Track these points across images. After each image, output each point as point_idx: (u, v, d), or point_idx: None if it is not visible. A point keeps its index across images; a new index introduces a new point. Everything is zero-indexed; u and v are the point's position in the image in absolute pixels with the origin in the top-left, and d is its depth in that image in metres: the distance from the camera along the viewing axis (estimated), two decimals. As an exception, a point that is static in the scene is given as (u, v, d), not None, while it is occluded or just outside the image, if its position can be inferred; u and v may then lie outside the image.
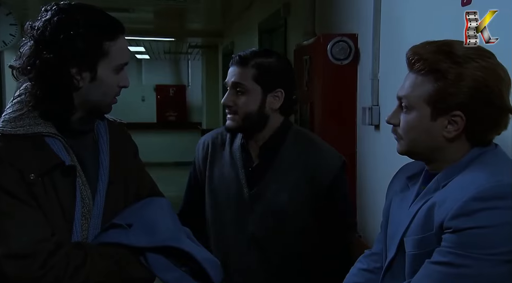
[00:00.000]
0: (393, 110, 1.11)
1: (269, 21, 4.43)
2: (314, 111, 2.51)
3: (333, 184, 1.56)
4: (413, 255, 1.02)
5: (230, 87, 1.55)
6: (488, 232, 0.91)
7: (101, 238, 1.19)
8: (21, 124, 1.14)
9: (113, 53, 1.15)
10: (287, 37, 3.86)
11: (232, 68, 1.56)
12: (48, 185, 1.13)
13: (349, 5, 2.50)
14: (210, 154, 1.67)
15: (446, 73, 1.00)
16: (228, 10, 6.24)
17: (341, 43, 2.32)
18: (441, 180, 1.04)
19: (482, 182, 0.95)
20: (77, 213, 1.16)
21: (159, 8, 6.19)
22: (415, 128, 1.06)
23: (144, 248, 1.17)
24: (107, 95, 1.19)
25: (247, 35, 5.50)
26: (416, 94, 1.04)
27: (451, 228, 0.94)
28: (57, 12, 1.13)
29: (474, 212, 0.93)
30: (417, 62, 1.04)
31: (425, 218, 1.01)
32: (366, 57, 2.24)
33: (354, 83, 2.37)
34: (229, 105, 1.54)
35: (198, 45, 9.28)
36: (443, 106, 1.01)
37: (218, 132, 1.72)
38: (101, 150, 1.25)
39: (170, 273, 1.17)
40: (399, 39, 2.00)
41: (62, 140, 1.17)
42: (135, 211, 1.24)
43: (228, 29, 7.17)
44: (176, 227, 1.26)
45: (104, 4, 5.45)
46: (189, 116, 12.20)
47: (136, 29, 7.51)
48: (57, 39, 1.11)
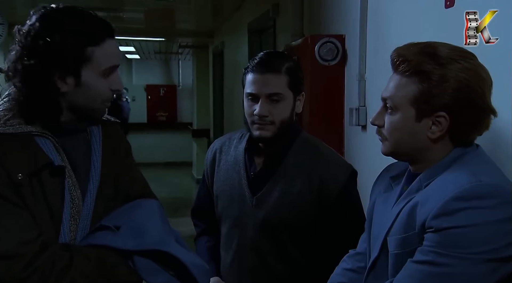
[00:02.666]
0: (378, 112, 1.12)
1: (259, 21, 4.44)
2: (302, 112, 2.51)
3: (340, 196, 1.48)
4: (395, 254, 1.03)
5: (264, 97, 1.44)
6: (469, 232, 0.92)
7: (88, 239, 1.18)
8: (10, 123, 1.13)
9: (98, 58, 1.14)
10: (276, 38, 3.88)
11: (263, 76, 1.44)
12: (36, 185, 1.12)
13: (337, 6, 2.52)
14: (217, 158, 1.63)
15: (431, 75, 1.01)
16: (218, 10, 6.24)
17: (328, 44, 2.34)
18: (424, 179, 1.05)
19: (463, 182, 0.96)
20: (65, 214, 1.15)
21: (149, 8, 6.17)
22: (399, 129, 1.07)
23: (132, 251, 1.16)
24: (95, 99, 1.17)
25: (237, 35, 5.50)
26: (400, 95, 1.05)
27: (432, 227, 0.95)
28: (41, 17, 1.13)
29: (454, 212, 0.94)
30: (401, 64, 1.05)
31: (408, 218, 1.02)
32: (353, 58, 2.25)
33: (341, 84, 2.38)
34: (266, 115, 1.44)
35: (188, 45, 9.25)
36: (427, 107, 1.03)
37: (228, 136, 1.68)
38: (93, 149, 1.24)
39: (157, 277, 1.17)
40: (385, 40, 2.02)
41: (52, 140, 1.16)
42: (124, 213, 1.23)
43: (218, 29, 7.17)
44: (165, 230, 1.25)
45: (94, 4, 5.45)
46: (180, 117, 12.18)
47: (126, 29, 7.48)
48: (38, 45, 1.10)
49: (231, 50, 6.12)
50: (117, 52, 1.20)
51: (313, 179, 1.50)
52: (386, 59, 2.04)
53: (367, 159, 2.16)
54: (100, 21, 1.17)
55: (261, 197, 1.52)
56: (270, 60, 1.49)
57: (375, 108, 2.16)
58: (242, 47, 5.17)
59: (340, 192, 1.49)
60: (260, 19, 4.35)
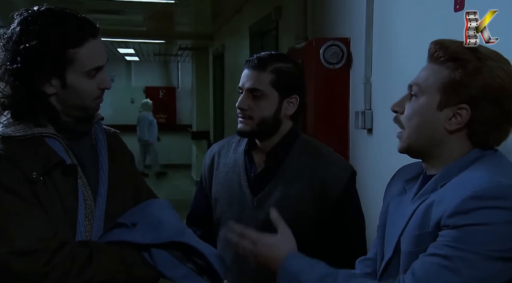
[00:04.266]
0: (401, 98, 1.11)
1: (260, 24, 4.43)
2: (307, 115, 2.51)
3: (342, 196, 1.49)
4: (408, 252, 1.03)
5: (246, 91, 1.50)
6: (485, 230, 0.92)
7: (106, 237, 1.19)
8: (20, 127, 1.15)
9: (82, 59, 1.13)
10: (278, 41, 3.87)
11: (249, 71, 1.50)
12: (50, 185, 1.13)
13: (341, 9, 2.51)
14: (216, 161, 1.63)
15: (466, 63, 1.00)
16: (218, 12, 6.24)
17: (333, 47, 2.33)
18: (439, 180, 1.04)
19: (481, 182, 0.95)
20: (80, 214, 1.16)
21: (150, 10, 6.17)
22: (419, 115, 1.05)
23: (149, 245, 1.16)
24: (84, 99, 1.18)
25: (238, 38, 5.50)
26: (429, 81, 1.04)
27: (448, 225, 0.95)
28: (21, 21, 1.13)
29: (471, 210, 0.93)
30: (439, 51, 1.04)
31: (422, 217, 1.01)
32: (359, 61, 2.25)
33: (346, 87, 2.38)
34: (244, 108, 1.49)
35: (188, 47, 9.26)
36: (453, 96, 1.02)
37: (227, 140, 1.68)
38: (100, 153, 1.25)
39: (175, 271, 1.16)
40: (391, 43, 2.01)
41: (62, 141, 1.17)
42: (138, 211, 1.24)
43: (218, 32, 7.17)
44: (181, 224, 1.26)
45: (94, 6, 5.44)
46: (179, 119, 12.17)
47: (126, 31, 7.49)
48: (19, 50, 1.10)
49: (231, 53, 6.12)
50: (101, 52, 1.18)
51: (315, 179, 1.51)
52: (392, 62, 2.05)
53: (373, 162, 2.15)
54: (83, 22, 1.16)
55: (262, 197, 1.52)
56: (260, 58, 1.52)
57: (381, 111, 2.18)
58: (243, 50, 5.16)
59: (342, 192, 1.50)
60: (261, 21, 4.34)
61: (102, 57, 1.18)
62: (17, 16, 1.15)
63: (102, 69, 1.19)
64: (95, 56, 1.16)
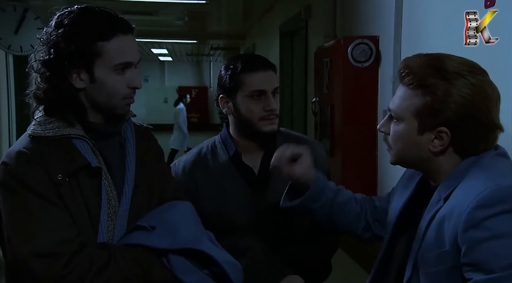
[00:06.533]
0: (384, 119, 1.12)
1: (290, 23, 4.44)
2: (335, 114, 2.51)
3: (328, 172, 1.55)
4: (434, 271, 1.02)
5: (272, 92, 1.49)
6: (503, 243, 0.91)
7: (125, 239, 1.20)
8: (50, 127, 1.17)
9: (108, 53, 1.14)
10: (308, 39, 3.87)
11: (267, 72, 1.50)
12: (75, 186, 1.15)
13: (370, 7, 2.49)
14: (196, 178, 1.55)
15: (434, 89, 0.99)
16: (249, 12, 6.27)
17: (361, 45, 2.32)
18: (442, 192, 1.04)
19: (480, 189, 0.94)
20: (103, 214, 1.18)
21: (182, 10, 6.25)
22: (402, 140, 1.07)
23: (167, 250, 1.18)
24: (113, 96, 1.18)
25: (268, 37, 5.52)
26: (404, 107, 1.05)
27: (465, 244, 0.94)
28: (58, 16, 1.17)
29: (481, 221, 0.92)
30: (406, 76, 1.04)
31: (436, 236, 1.01)
32: (387, 59, 2.23)
33: (375, 85, 2.36)
34: (276, 108, 1.50)
35: (220, 47, 9.33)
36: (429, 121, 1.01)
37: (196, 154, 1.62)
38: (127, 153, 1.26)
39: (191, 276, 1.17)
40: (420, 41, 1.99)
41: (89, 142, 1.19)
42: (158, 214, 1.25)
43: (249, 31, 7.20)
44: (199, 230, 1.26)
45: (129, 8, 5.56)
46: (211, 118, 12.27)
47: (159, 32, 7.61)
48: (52, 42, 1.15)
49: (262, 52, 6.14)
50: (130, 49, 1.19)
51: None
52: (421, 60, 2.02)
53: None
54: (113, 18, 1.18)
55: (266, 200, 1.52)
56: (262, 59, 1.55)
57: (409, 110, 2.15)
58: (273, 49, 5.18)
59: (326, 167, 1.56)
60: (291, 20, 4.35)
61: (131, 54, 1.19)
62: (56, 12, 1.20)
63: (131, 67, 1.20)
64: (123, 52, 1.17)
